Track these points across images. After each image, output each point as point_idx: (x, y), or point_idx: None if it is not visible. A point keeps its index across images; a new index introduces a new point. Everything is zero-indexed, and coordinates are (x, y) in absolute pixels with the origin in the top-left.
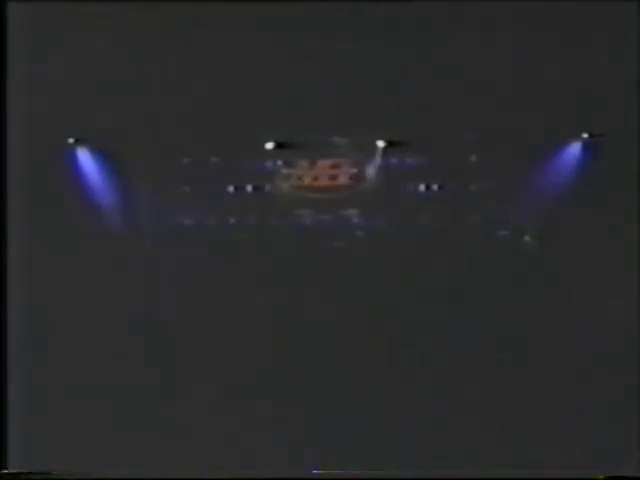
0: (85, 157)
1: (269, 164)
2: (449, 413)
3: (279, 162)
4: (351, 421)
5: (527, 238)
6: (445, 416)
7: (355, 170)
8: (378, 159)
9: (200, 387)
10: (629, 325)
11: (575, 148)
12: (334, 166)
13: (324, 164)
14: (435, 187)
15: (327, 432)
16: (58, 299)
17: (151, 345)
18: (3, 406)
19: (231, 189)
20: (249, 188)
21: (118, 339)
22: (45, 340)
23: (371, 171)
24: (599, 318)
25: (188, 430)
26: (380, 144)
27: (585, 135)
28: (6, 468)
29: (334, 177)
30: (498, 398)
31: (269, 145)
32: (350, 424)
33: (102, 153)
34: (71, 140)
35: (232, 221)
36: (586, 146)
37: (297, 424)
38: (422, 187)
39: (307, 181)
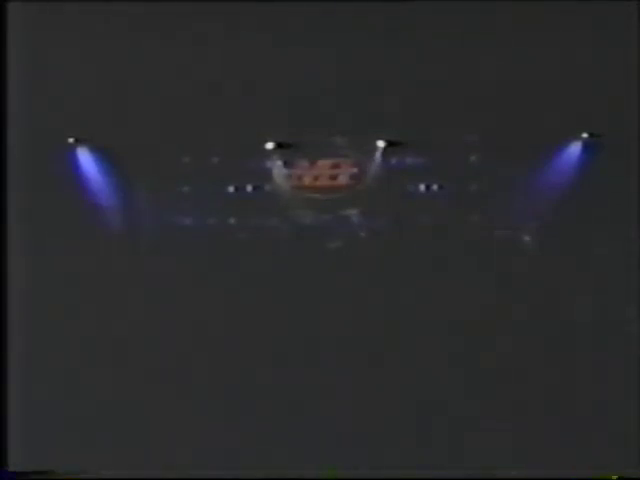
0: (85, 157)
1: (269, 164)
2: (449, 413)
3: (279, 162)
4: (351, 421)
5: (527, 238)
6: (445, 416)
7: (355, 170)
8: (378, 159)
9: (200, 386)
10: (629, 324)
11: (575, 148)
12: (334, 166)
13: (324, 164)
14: (435, 187)
15: (326, 432)
16: (58, 299)
17: (151, 344)
18: (3, 406)
19: (231, 189)
20: (249, 188)
21: (118, 339)
22: (45, 340)
23: (371, 171)
24: (599, 317)
25: (188, 430)
26: (380, 144)
27: (585, 135)
28: (6, 468)
29: (334, 177)
30: (497, 398)
31: (269, 145)
32: (350, 424)
33: (102, 153)
34: (71, 140)
35: (232, 221)
36: (586, 146)
37: (297, 424)
38: (422, 187)
39: (307, 181)
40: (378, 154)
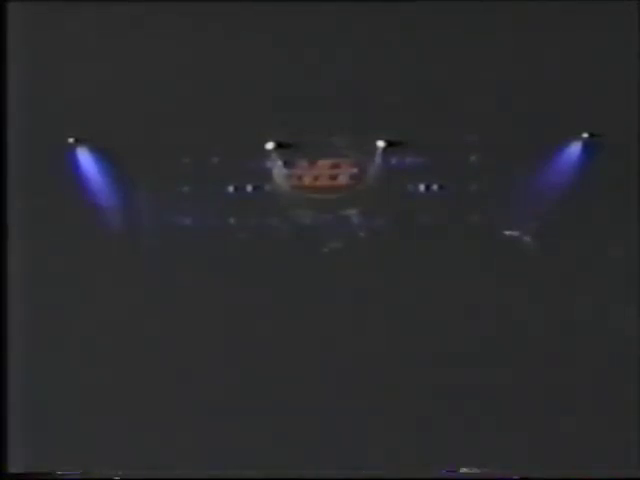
0: (85, 157)
1: (269, 164)
2: (448, 413)
3: (279, 162)
4: (351, 421)
5: (527, 238)
6: (444, 416)
7: (355, 170)
8: (378, 159)
9: (200, 387)
10: (629, 324)
11: (575, 148)
12: (334, 166)
13: (324, 164)
14: (435, 187)
15: (326, 432)
16: (58, 299)
17: (151, 345)
18: (3, 406)
19: (231, 189)
20: (249, 188)
21: (118, 339)
22: (45, 340)
23: (371, 171)
24: (599, 318)
25: (188, 430)
26: (380, 144)
27: (585, 135)
28: (7, 468)
29: (334, 177)
30: (497, 398)
31: (269, 145)
32: (350, 424)
33: (102, 153)
34: (71, 140)
35: (232, 221)
36: (586, 146)
37: (297, 424)
38: (422, 187)
39: (307, 181)
40: (378, 154)
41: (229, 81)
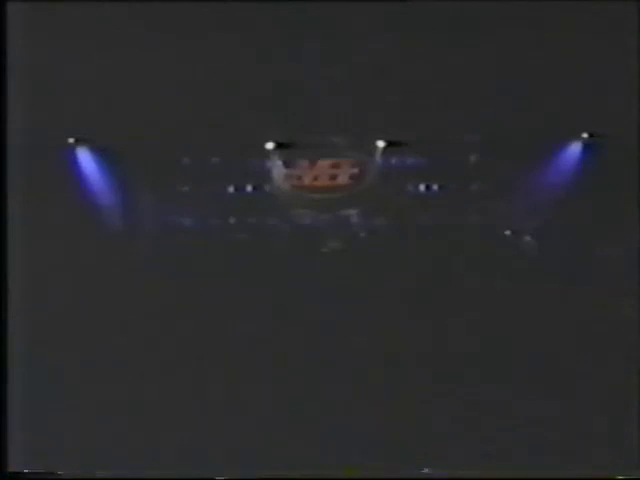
0: (85, 157)
1: (269, 164)
2: (448, 413)
3: (279, 162)
4: (351, 421)
5: (527, 238)
6: (444, 416)
7: (355, 170)
8: (378, 159)
9: (200, 386)
10: (628, 324)
11: (575, 148)
12: (334, 166)
13: (324, 164)
14: (435, 187)
15: (326, 432)
16: (58, 299)
17: (151, 344)
18: (3, 406)
19: (231, 189)
20: (249, 188)
21: (118, 338)
22: (45, 340)
23: (371, 171)
24: (598, 317)
25: (188, 430)
26: (380, 144)
27: (585, 135)
28: (7, 468)
29: (334, 177)
30: (497, 398)
31: (269, 145)
32: (350, 424)
33: (102, 153)
34: (71, 140)
35: (232, 221)
36: (586, 146)
37: (297, 424)
38: (422, 187)
39: (307, 181)
40: (378, 154)
41: (230, 81)
